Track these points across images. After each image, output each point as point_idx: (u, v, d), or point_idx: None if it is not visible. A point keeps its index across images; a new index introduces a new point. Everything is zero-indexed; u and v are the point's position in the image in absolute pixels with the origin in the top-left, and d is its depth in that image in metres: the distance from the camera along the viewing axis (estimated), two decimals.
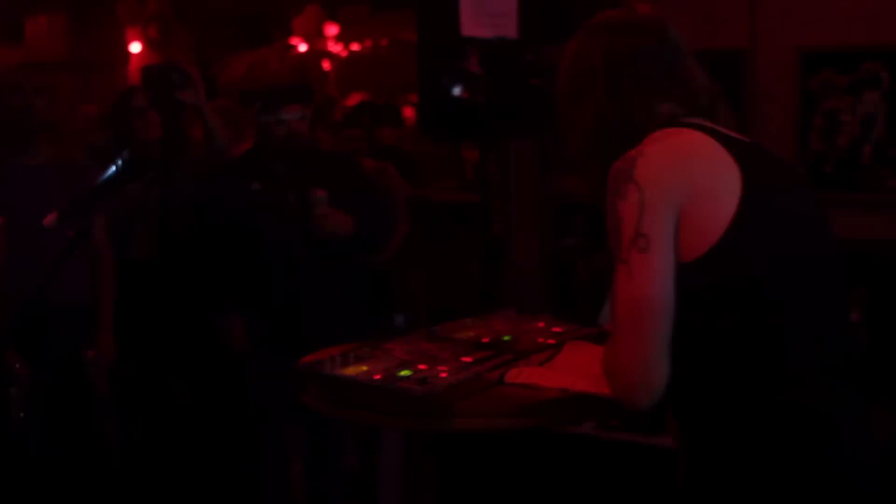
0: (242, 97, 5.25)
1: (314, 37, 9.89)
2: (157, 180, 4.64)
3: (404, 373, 2.37)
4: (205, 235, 4.37)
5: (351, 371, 2.38)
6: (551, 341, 2.67)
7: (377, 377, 2.33)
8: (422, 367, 2.41)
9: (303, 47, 9.92)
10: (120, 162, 2.41)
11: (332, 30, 10.00)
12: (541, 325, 2.90)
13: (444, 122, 4.80)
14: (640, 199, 1.92)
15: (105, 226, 4.29)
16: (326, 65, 9.96)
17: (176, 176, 4.69)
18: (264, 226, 4.21)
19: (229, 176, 4.37)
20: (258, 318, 4.30)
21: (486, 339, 2.69)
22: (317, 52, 9.87)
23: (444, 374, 2.36)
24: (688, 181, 1.93)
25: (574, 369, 2.41)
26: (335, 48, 10.01)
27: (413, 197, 6.07)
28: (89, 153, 5.18)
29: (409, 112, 9.50)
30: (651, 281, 1.91)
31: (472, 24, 4.47)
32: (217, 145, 4.66)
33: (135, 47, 9.57)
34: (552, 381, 2.37)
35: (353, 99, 9.09)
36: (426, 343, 2.64)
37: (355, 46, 9.94)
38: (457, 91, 4.67)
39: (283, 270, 4.22)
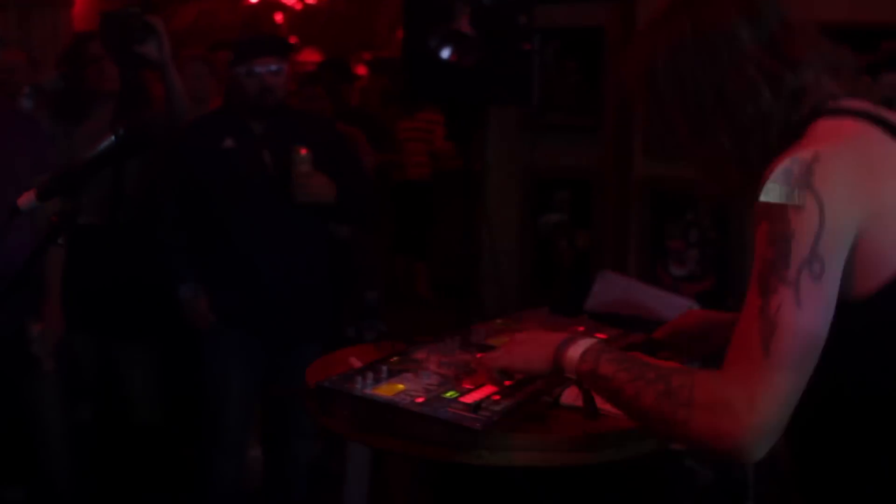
0: (213, 47, 4.70)
1: None
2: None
3: (450, 394, 1.93)
4: (167, 196, 3.85)
5: (386, 391, 1.92)
6: None
7: (420, 400, 1.88)
8: (466, 384, 1.97)
9: None
10: (116, 137, 1.90)
11: None
12: (580, 328, 2.47)
13: (429, 86, 4.35)
14: (820, 213, 1.48)
15: None
16: (279, 17, 9.35)
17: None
18: (235, 186, 3.72)
19: (199, 131, 3.86)
20: (223, 289, 3.80)
21: None
22: (270, 4, 9.26)
23: (496, 397, 1.91)
24: (871, 196, 1.50)
25: None
26: (289, 1, 9.41)
27: (380, 165, 5.58)
28: (32, 96, 4.61)
29: (362, 71, 8.97)
30: (819, 315, 1.48)
31: None
32: (179, 106, 4.13)
33: None
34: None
35: (307, 55, 8.54)
36: (461, 352, 2.19)
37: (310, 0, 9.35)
38: (446, 53, 4.22)
39: (253, 237, 3.73)
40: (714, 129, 1.65)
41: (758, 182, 1.55)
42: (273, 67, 3.73)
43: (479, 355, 2.01)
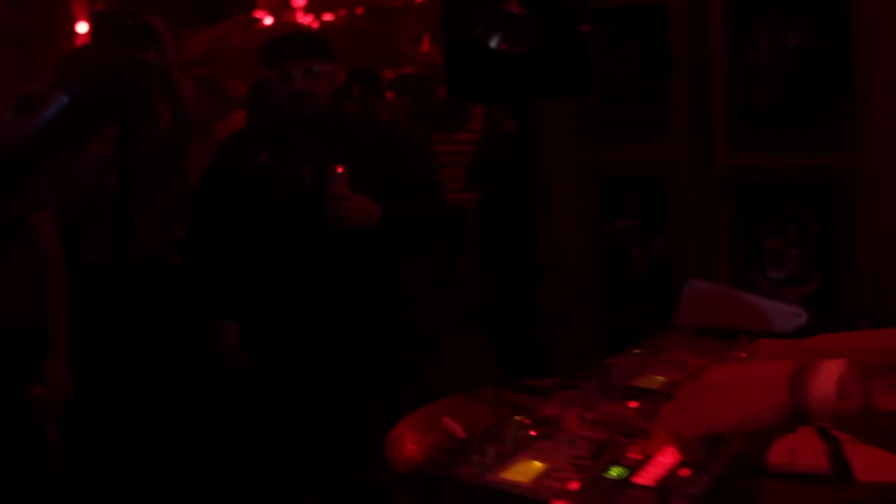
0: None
1: (280, 8, 8.62)
2: (115, 162, 3.45)
3: (615, 472, 1.23)
4: (196, 221, 3.20)
5: (520, 474, 1.23)
6: None
7: (575, 487, 1.18)
8: (633, 454, 1.27)
9: (268, 20, 8.63)
10: (66, 96, 1.23)
11: (299, 0, 8.72)
12: (743, 354, 1.77)
13: (474, 84, 3.70)
14: None
15: (51, 221, 3.08)
16: None
17: (137, 157, 3.51)
18: (270, 206, 3.06)
19: (231, 146, 3.22)
20: (258, 325, 3.14)
21: None
22: (284, 25, 8.61)
23: (684, 472, 1.21)
24: None
25: None
26: (305, 19, 8.75)
27: None
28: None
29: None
30: None
31: None
32: (187, 119, 3.48)
33: (81, 27, 8.30)
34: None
35: None
36: (606, 401, 1.49)
37: (328, 16, 8.68)
38: (494, 42, 3.58)
39: (290, 264, 3.06)
40: None
41: None
42: (310, 70, 3.07)
43: (661, 415, 1.30)
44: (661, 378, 1.60)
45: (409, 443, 1.51)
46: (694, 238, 4.17)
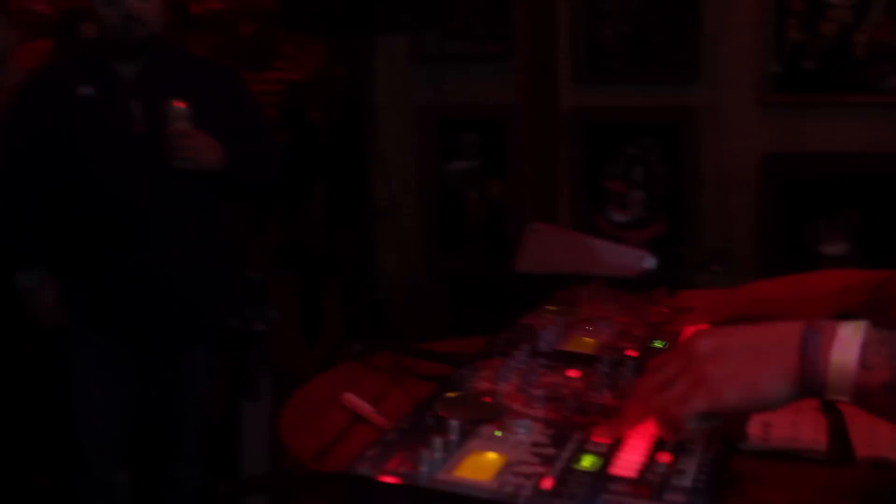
0: None
1: None
2: None
3: (588, 462, 1.02)
4: (4, 159, 2.80)
5: (475, 471, 1.00)
6: None
7: (548, 485, 0.96)
8: (600, 438, 1.06)
9: None
10: None
11: None
12: (664, 309, 1.59)
13: (305, 14, 3.40)
14: None
15: None
16: None
17: None
18: (95, 146, 2.69)
19: (49, 77, 2.82)
20: (80, 283, 2.76)
21: (632, 354, 1.35)
22: None
23: (665, 457, 1.01)
24: None
25: None
26: None
27: None
28: None
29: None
30: None
31: None
32: None
33: None
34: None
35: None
36: (543, 371, 1.27)
37: None
38: None
39: (118, 212, 2.72)
40: None
41: None
42: None
43: (640, 391, 1.08)
44: (591, 340, 1.40)
45: (307, 429, 1.25)
46: (534, 180, 4.01)
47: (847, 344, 0.94)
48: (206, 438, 3.11)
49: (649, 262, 2.66)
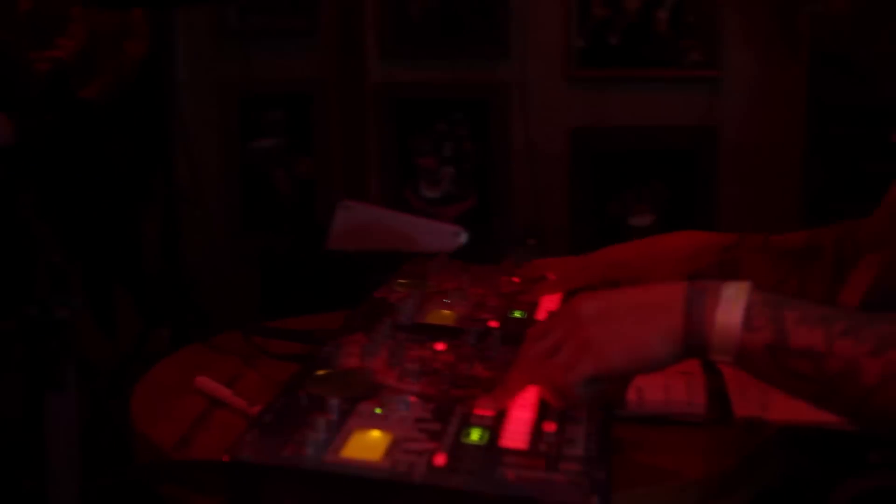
0: None
1: None
2: None
3: (476, 436, 0.99)
4: None
5: (363, 450, 0.95)
6: None
7: (440, 461, 0.92)
8: (483, 411, 1.03)
9: None
10: None
11: None
12: (515, 279, 1.57)
13: None
14: None
15: None
16: None
17: None
18: None
19: None
20: None
21: (494, 324, 1.33)
22: None
23: (550, 426, 1.00)
24: None
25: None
26: None
27: None
28: None
29: None
30: None
31: None
32: None
33: None
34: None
35: None
36: (411, 345, 1.23)
37: None
38: None
39: None
40: None
41: None
42: None
43: (522, 360, 1.05)
44: (449, 312, 1.36)
45: (162, 416, 1.16)
46: (342, 157, 3.95)
47: (731, 305, 0.93)
48: None
49: (461, 237, 2.67)
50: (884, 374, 0.86)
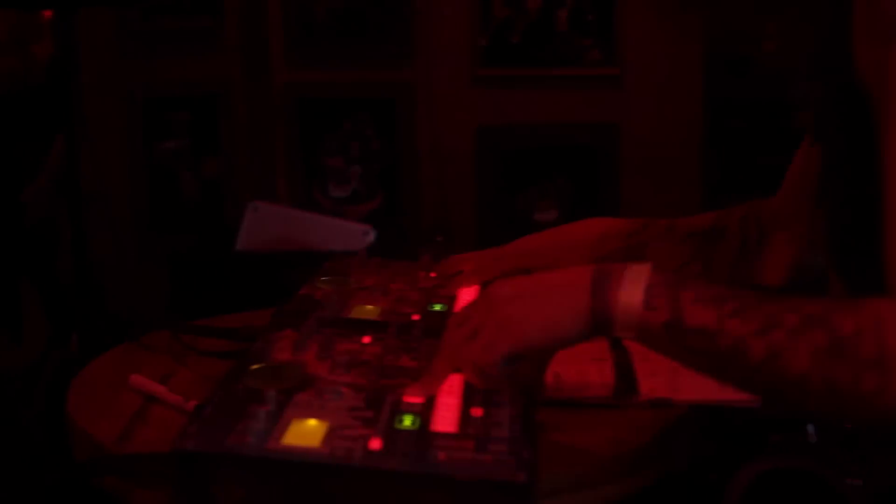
0: None
1: None
2: None
3: (408, 422, 1.05)
4: None
5: (303, 437, 1.00)
6: None
7: (376, 445, 0.98)
8: (412, 399, 1.09)
9: None
10: None
11: None
12: (432, 274, 1.64)
13: None
14: None
15: None
16: None
17: None
18: None
19: None
20: None
21: (416, 318, 1.39)
22: None
23: (477, 411, 1.07)
24: None
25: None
26: None
27: None
28: None
29: None
30: None
31: None
32: None
33: None
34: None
35: None
36: (341, 340, 1.28)
37: None
38: None
39: None
40: None
41: None
42: None
43: (446, 346, 1.11)
44: (373, 307, 1.42)
45: (100, 413, 1.20)
46: (249, 158, 3.97)
47: (632, 286, 1.01)
48: None
49: (370, 236, 2.72)
50: (768, 352, 0.94)
